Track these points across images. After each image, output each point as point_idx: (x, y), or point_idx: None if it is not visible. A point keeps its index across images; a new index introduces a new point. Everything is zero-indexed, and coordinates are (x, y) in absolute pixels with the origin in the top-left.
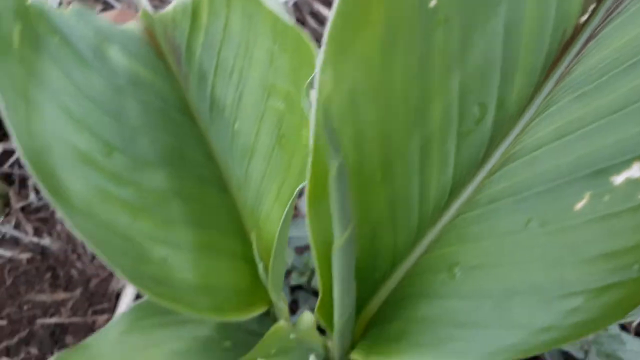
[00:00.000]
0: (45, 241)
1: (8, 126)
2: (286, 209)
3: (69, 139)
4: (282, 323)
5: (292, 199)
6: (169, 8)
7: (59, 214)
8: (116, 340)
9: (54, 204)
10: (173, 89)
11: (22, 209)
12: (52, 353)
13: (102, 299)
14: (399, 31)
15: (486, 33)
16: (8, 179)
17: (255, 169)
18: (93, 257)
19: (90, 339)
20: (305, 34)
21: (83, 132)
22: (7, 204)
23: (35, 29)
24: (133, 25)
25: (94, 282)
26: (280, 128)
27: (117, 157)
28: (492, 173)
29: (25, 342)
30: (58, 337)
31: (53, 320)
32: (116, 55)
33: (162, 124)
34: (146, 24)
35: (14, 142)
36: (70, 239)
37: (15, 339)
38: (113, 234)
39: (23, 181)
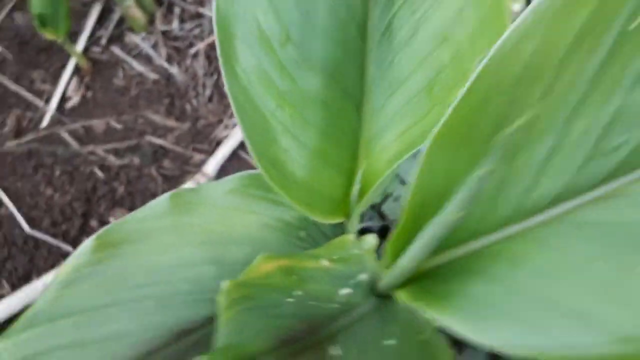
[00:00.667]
0: (174, 69)
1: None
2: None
3: (258, 16)
4: (350, 236)
5: (413, 145)
6: None
7: (223, 77)
8: (223, 196)
9: (222, 67)
10: (362, 5)
11: (163, 32)
12: (148, 169)
13: (204, 140)
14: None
15: None
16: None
17: (393, 103)
18: (209, 100)
19: (202, 186)
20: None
21: (271, 15)
22: (151, 22)
23: None
24: None
25: (202, 123)
26: (435, 77)
27: (289, 50)
28: (602, 198)
29: (132, 150)
30: (159, 157)
31: (159, 141)
32: None
33: (338, 35)
34: None
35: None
36: (195, 76)
37: (125, 145)
38: (256, 111)
39: (171, 6)
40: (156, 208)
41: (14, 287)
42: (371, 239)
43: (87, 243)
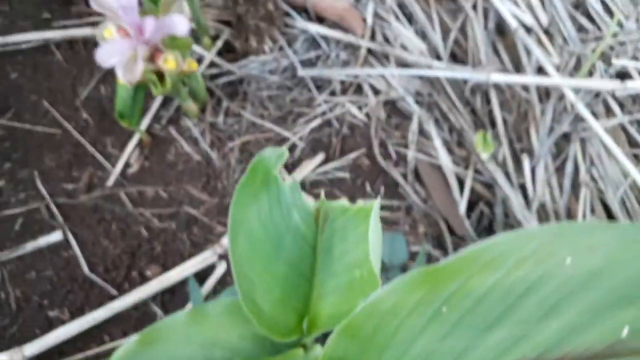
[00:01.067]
0: (214, 154)
1: (229, 217)
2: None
3: (253, 226)
4: (299, 351)
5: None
6: (335, 201)
7: (229, 253)
8: (219, 312)
9: (229, 248)
10: (313, 237)
11: (210, 123)
12: (181, 234)
13: (226, 214)
14: None
15: None
16: (211, 92)
17: (330, 285)
18: (237, 181)
19: (207, 305)
20: (377, 279)
21: (260, 229)
22: (203, 111)
23: (269, 179)
24: (311, 203)
25: (228, 200)
26: (351, 282)
27: (267, 248)
28: None
29: (171, 217)
30: (190, 225)
31: (193, 211)
32: (295, 214)
33: (296, 251)
34: (317, 206)
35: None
36: (229, 163)
37: (167, 211)
38: (245, 274)
39: (219, 101)
40: (178, 318)
41: (72, 315)
42: (318, 351)
43: (133, 339)
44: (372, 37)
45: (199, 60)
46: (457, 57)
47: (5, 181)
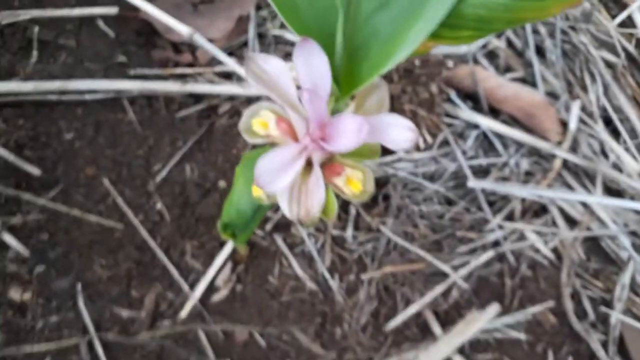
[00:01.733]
0: (334, 283)
1: None
2: None
3: None
4: None
5: None
6: None
7: None
8: None
9: None
10: None
11: (333, 237)
12: None
13: None
14: None
15: None
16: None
17: None
18: (363, 330)
19: None
20: None
21: None
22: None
23: None
24: None
25: (349, 356)
26: None
27: None
28: None
29: None
30: None
31: None
32: None
33: None
34: None
35: None
36: (356, 304)
37: None
38: None
39: (346, 206)
40: None
41: None
42: None
43: None
44: (573, 148)
45: None
46: None
47: (34, 293)
